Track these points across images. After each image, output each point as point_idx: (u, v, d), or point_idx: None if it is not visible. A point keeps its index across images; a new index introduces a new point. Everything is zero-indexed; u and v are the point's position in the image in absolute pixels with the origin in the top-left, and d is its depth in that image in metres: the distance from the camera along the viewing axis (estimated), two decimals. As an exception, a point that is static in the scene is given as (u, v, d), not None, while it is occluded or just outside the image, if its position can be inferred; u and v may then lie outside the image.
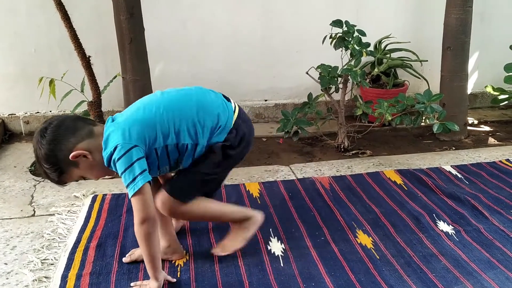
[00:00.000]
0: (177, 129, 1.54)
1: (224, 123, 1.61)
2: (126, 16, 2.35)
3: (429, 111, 2.55)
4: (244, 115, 1.73)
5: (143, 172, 1.46)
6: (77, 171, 1.54)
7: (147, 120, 1.53)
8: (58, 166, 1.51)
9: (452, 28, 2.94)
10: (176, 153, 1.57)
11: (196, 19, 3.17)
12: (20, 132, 3.19)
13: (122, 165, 1.46)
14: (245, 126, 1.69)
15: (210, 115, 1.59)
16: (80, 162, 1.52)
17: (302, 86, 3.38)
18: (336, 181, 2.39)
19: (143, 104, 1.59)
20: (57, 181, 1.57)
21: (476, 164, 2.61)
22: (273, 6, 3.29)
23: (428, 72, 3.44)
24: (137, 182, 1.45)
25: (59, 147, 1.49)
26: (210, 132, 1.59)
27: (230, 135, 1.62)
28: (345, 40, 2.68)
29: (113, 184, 2.38)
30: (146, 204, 1.48)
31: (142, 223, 1.48)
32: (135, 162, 1.46)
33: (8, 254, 1.81)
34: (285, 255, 1.78)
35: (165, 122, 1.53)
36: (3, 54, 3.05)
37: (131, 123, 1.51)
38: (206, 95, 1.65)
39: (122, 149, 1.46)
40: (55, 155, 1.49)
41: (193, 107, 1.58)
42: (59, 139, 1.49)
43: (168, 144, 1.54)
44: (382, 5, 3.41)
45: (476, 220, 2.01)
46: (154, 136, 1.52)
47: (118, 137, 1.48)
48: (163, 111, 1.54)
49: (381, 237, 1.90)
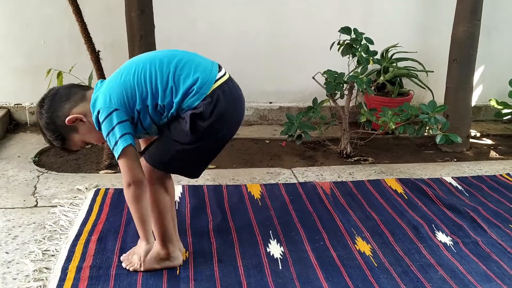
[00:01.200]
0: (154, 89, 1.52)
1: (199, 88, 1.52)
2: (137, 13, 2.37)
3: (433, 122, 2.57)
4: (231, 90, 1.59)
5: (123, 135, 1.48)
6: (77, 136, 1.59)
7: (126, 83, 1.52)
8: (59, 133, 1.57)
9: (460, 40, 2.95)
10: (157, 114, 1.55)
11: (206, 19, 3.19)
12: (25, 123, 3.21)
13: (105, 129, 1.50)
14: (225, 100, 1.55)
15: (187, 77, 1.52)
16: (78, 127, 1.57)
17: (307, 91, 3.40)
18: (337, 187, 2.40)
19: (125, 66, 1.58)
20: (63, 148, 1.63)
21: (477, 176, 2.63)
22: (283, 9, 3.31)
23: (433, 83, 3.45)
24: (118, 145, 1.48)
25: (56, 114, 1.55)
26: (183, 94, 1.52)
27: (203, 102, 1.52)
28: (353, 47, 2.70)
29: (116, 179, 2.40)
30: (130, 167, 1.51)
31: (128, 186, 1.53)
32: (116, 126, 1.48)
33: (9, 243, 1.83)
34: (284, 258, 1.80)
35: (142, 83, 1.52)
36: (13, 44, 3.08)
37: (111, 87, 1.53)
38: (192, 56, 1.59)
39: (103, 113, 1.49)
40: (54, 122, 1.56)
41: (172, 67, 1.53)
42: (55, 107, 1.56)
43: (148, 105, 1.53)
44: (391, 14, 3.43)
45: (474, 232, 2.02)
46: (133, 98, 1.52)
47: (100, 102, 1.51)
48: (142, 72, 1.53)
49: (380, 244, 1.91)
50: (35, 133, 3.04)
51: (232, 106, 1.59)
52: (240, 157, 2.85)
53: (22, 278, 1.63)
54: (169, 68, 1.53)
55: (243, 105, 1.67)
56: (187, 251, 1.81)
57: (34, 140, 2.93)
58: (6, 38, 3.06)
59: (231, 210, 2.13)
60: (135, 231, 1.90)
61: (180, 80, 1.52)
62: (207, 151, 1.63)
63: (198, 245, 1.85)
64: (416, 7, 3.45)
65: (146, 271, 1.67)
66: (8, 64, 3.11)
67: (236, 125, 1.66)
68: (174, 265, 1.70)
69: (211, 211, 2.11)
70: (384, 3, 3.40)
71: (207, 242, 1.87)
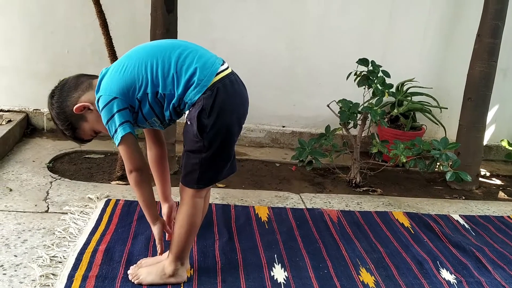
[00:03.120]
0: (155, 77, 1.52)
1: (200, 80, 1.51)
2: (162, 31, 2.43)
3: (444, 158, 2.58)
4: (232, 84, 1.58)
5: (123, 123, 1.52)
6: (87, 124, 1.63)
7: (127, 71, 1.53)
8: (69, 122, 1.62)
9: (475, 80, 2.98)
10: (157, 104, 1.56)
11: (225, 41, 3.26)
12: (42, 128, 3.27)
13: (104, 116, 1.53)
14: (225, 93, 1.54)
15: (189, 67, 1.52)
16: (86, 115, 1.61)
17: (320, 117, 3.44)
18: (344, 216, 2.42)
19: (128, 55, 1.59)
20: (74, 137, 1.67)
21: (484, 216, 2.63)
22: (302, 36, 3.37)
23: (446, 120, 3.48)
24: (118, 133, 1.52)
25: (65, 104, 1.59)
26: (184, 85, 1.52)
27: (203, 95, 1.51)
28: (369, 79, 2.73)
29: (127, 191, 2.43)
30: (130, 155, 1.56)
31: (129, 173, 1.59)
32: (115, 114, 1.51)
33: (18, 246, 1.86)
34: (287, 283, 1.81)
35: (143, 71, 1.52)
36: (38, 51, 3.16)
37: (113, 75, 1.55)
38: (196, 48, 1.59)
39: (102, 101, 1.52)
40: (64, 111, 1.60)
41: (174, 56, 1.53)
42: (64, 96, 1.60)
43: (148, 93, 1.53)
44: (409, 48, 3.48)
45: (479, 272, 2.02)
46: (133, 86, 1.53)
47: (102, 89, 1.54)
48: (143, 61, 1.53)
49: (383, 277, 1.91)
50: (51, 139, 3.10)
51: (232, 99, 1.57)
52: (249, 178, 2.88)
53: (28, 282, 1.65)
54: (171, 57, 1.53)
55: (246, 100, 1.65)
56: (192, 268, 1.82)
57: (50, 146, 2.99)
58: (31, 44, 3.15)
59: (237, 231, 2.15)
60: (142, 243, 1.94)
61: (182, 69, 1.52)
62: (223, 151, 1.61)
63: (203, 263, 1.87)
64: (435, 43, 3.50)
65: (150, 285, 1.69)
66: (31, 70, 3.19)
67: (240, 120, 1.64)
68: (178, 282, 1.72)
69: (218, 229, 2.13)
70: (403, 37, 3.45)
71: (212, 261, 1.89)
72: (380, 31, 3.42)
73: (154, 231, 1.71)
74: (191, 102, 1.54)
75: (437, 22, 3.46)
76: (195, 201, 1.64)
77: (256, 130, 3.51)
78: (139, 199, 1.65)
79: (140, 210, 2.19)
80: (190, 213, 1.65)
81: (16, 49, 3.14)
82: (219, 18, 3.27)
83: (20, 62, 3.17)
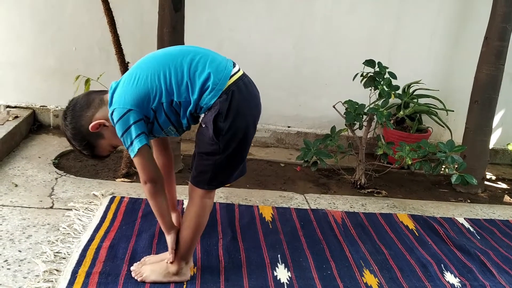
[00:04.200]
0: (169, 86, 1.52)
1: (214, 84, 1.51)
2: (169, 29, 2.44)
3: (450, 161, 2.57)
4: (246, 86, 1.59)
5: (139, 135, 1.51)
6: (104, 141, 1.62)
7: (140, 82, 1.52)
8: (86, 141, 1.60)
9: (482, 83, 2.97)
10: (173, 112, 1.56)
11: (232, 41, 3.26)
12: (49, 125, 3.28)
13: (120, 129, 1.52)
14: (240, 95, 1.55)
15: (202, 72, 1.52)
16: (103, 132, 1.60)
17: (325, 118, 3.43)
18: (348, 217, 2.41)
19: (138, 65, 1.58)
20: (93, 156, 1.66)
21: (489, 220, 2.61)
22: (309, 37, 3.37)
23: (452, 122, 3.46)
24: (134, 145, 1.51)
25: (80, 124, 1.58)
26: (199, 90, 1.52)
27: (219, 99, 1.51)
28: (376, 80, 2.73)
29: (132, 188, 2.44)
30: (145, 166, 1.56)
31: (144, 184, 1.59)
32: (131, 126, 1.51)
33: (23, 242, 1.86)
34: (291, 283, 1.80)
35: (156, 81, 1.52)
36: (45, 47, 3.17)
37: (125, 87, 1.54)
38: (207, 52, 1.58)
39: (117, 113, 1.51)
40: (80, 131, 1.59)
41: (186, 63, 1.52)
42: (78, 116, 1.58)
43: (163, 102, 1.53)
44: (416, 50, 3.47)
45: (483, 276, 2.01)
46: (147, 96, 1.52)
47: (115, 102, 1.53)
48: (156, 70, 1.52)
49: (387, 279, 1.91)
50: (57, 136, 3.11)
51: (247, 101, 1.58)
52: (254, 178, 2.88)
53: (32, 277, 1.66)
54: (184, 65, 1.52)
55: (259, 101, 1.66)
56: (195, 267, 1.82)
57: (56, 142, 3.00)
58: (39, 40, 3.16)
59: (241, 230, 2.15)
60: (146, 241, 1.95)
61: (195, 76, 1.52)
62: (238, 153, 1.61)
63: (207, 261, 1.87)
64: (442, 46, 3.48)
65: (154, 282, 1.69)
66: (38, 66, 3.20)
67: (254, 121, 1.64)
68: (181, 280, 1.72)
69: (222, 228, 2.13)
70: (410, 39, 3.44)
71: (215, 260, 1.89)
72: (387, 32, 3.41)
73: (168, 240, 1.70)
74: (206, 106, 1.54)
75: (445, 24, 3.44)
76: (204, 202, 1.64)
77: (262, 130, 3.51)
78: (154, 209, 1.65)
79: (145, 208, 2.20)
80: (198, 213, 1.65)
81: (23, 46, 3.15)
82: (226, 18, 3.27)
83: (28, 58, 3.18)
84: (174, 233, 1.69)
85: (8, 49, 3.15)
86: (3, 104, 3.21)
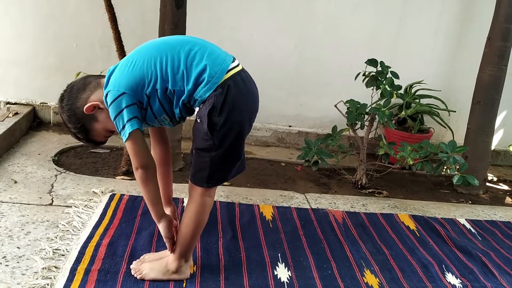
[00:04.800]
0: (164, 73, 1.50)
1: (210, 77, 1.49)
2: (170, 26, 2.43)
3: (452, 161, 2.56)
4: (244, 81, 1.56)
5: (131, 119, 1.50)
6: (99, 125, 1.61)
7: (136, 67, 1.52)
8: (80, 124, 1.60)
9: (485, 83, 2.96)
10: (167, 100, 1.54)
11: (233, 40, 3.24)
12: (49, 122, 3.27)
13: (113, 112, 1.51)
14: (236, 90, 1.52)
15: (199, 63, 1.50)
16: (97, 115, 1.59)
17: (327, 118, 3.42)
18: (349, 217, 2.40)
19: (137, 51, 1.58)
20: (88, 140, 1.65)
21: (491, 221, 2.60)
22: (311, 36, 3.35)
23: (454, 123, 3.45)
24: (126, 129, 1.50)
25: (75, 106, 1.58)
26: (194, 81, 1.50)
27: (214, 93, 1.49)
28: (378, 79, 2.71)
29: (132, 186, 2.42)
30: (137, 152, 1.54)
31: (136, 170, 1.57)
32: (124, 109, 1.49)
33: (22, 238, 1.85)
34: (291, 283, 1.79)
35: (152, 67, 1.51)
36: (47, 44, 3.16)
37: (122, 71, 1.54)
38: (206, 44, 1.57)
39: (110, 96, 1.51)
40: (74, 113, 1.58)
41: (184, 52, 1.51)
42: (74, 98, 1.58)
43: (157, 89, 1.52)
44: (418, 51, 3.45)
45: (484, 277, 2.00)
46: (142, 81, 1.51)
47: (110, 84, 1.53)
48: (152, 56, 1.51)
49: (388, 280, 1.89)
50: (57, 133, 3.10)
51: (243, 97, 1.55)
52: (254, 177, 2.86)
53: (30, 274, 1.65)
54: (181, 53, 1.51)
55: (256, 98, 1.64)
56: (195, 265, 1.81)
57: (56, 139, 2.98)
58: (40, 37, 3.14)
59: (242, 229, 2.13)
60: (146, 239, 1.93)
61: (192, 66, 1.50)
62: (234, 149, 1.59)
63: (207, 260, 1.86)
64: (445, 47, 3.47)
65: (153, 280, 1.68)
66: (39, 63, 3.19)
67: (250, 118, 1.62)
68: (181, 279, 1.70)
69: (222, 227, 2.12)
70: (413, 39, 3.42)
71: (215, 258, 1.88)
72: (389, 33, 3.40)
73: (160, 228, 1.69)
74: (201, 99, 1.52)
75: (448, 24, 3.43)
76: (204, 200, 1.63)
77: (263, 129, 3.50)
78: (145, 196, 1.64)
79: (145, 206, 2.17)
80: (198, 211, 1.63)
81: (25, 43, 3.14)
82: (228, 16, 3.25)
83: (29, 55, 3.17)
84: (165, 221, 1.67)
85: (9, 46, 3.14)
86: (3, 100, 3.20)
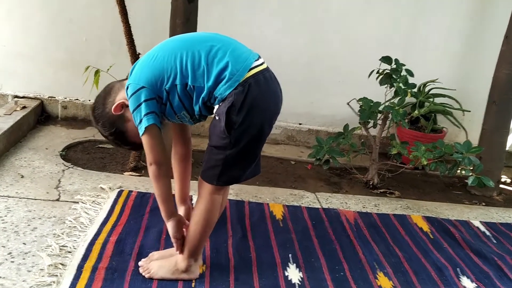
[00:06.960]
0: (184, 69, 1.47)
1: (231, 74, 1.45)
2: (182, 20, 2.39)
3: (467, 162, 2.50)
4: (266, 81, 1.52)
5: (148, 113, 1.48)
6: (131, 123, 1.57)
7: (157, 62, 1.50)
8: (114, 128, 1.58)
9: (501, 83, 2.89)
10: (187, 96, 1.51)
11: (245, 35, 3.14)
12: (57, 116, 3.24)
13: (132, 104, 1.50)
14: (258, 89, 1.48)
15: (221, 60, 1.47)
16: (127, 114, 1.56)
17: (338, 116, 3.37)
18: (361, 217, 2.34)
19: (159, 46, 1.56)
20: (128, 143, 1.63)
21: (505, 224, 2.54)
22: (323, 33, 3.30)
23: (468, 123, 3.38)
24: (142, 124, 1.48)
25: (105, 112, 1.58)
26: (215, 78, 1.46)
27: (234, 91, 1.45)
28: (392, 77, 2.66)
29: (140, 182, 2.39)
30: (152, 147, 1.51)
31: (150, 165, 1.55)
32: (142, 103, 1.48)
33: (28, 234, 1.82)
34: (302, 284, 1.75)
35: (172, 62, 1.48)
36: (56, 38, 3.13)
37: (143, 66, 1.52)
38: (230, 41, 1.54)
39: (132, 89, 1.49)
40: (107, 119, 1.58)
41: (205, 49, 1.48)
42: (102, 105, 1.59)
43: (176, 84, 1.49)
44: (432, 49, 3.38)
45: (500, 281, 1.94)
46: (161, 76, 1.49)
47: (131, 78, 1.52)
48: (173, 52, 1.49)
49: (402, 282, 1.84)
50: (65, 127, 3.07)
51: (264, 97, 1.51)
52: (264, 175, 2.82)
53: (36, 271, 1.61)
54: (202, 50, 1.48)
55: (279, 98, 1.59)
56: (204, 265, 1.77)
57: (63, 134, 2.95)
58: (49, 31, 3.11)
59: (251, 228, 2.09)
60: (154, 237, 1.90)
61: (214, 62, 1.47)
62: (249, 150, 1.55)
63: (216, 259, 1.82)
64: (459, 44, 3.40)
65: (162, 279, 1.64)
66: (48, 57, 3.16)
67: (271, 119, 1.58)
68: (190, 278, 1.67)
69: (232, 226, 2.08)
70: (427, 36, 3.35)
71: (225, 258, 1.84)
72: (403, 29, 3.33)
73: (168, 227, 1.65)
74: (221, 97, 1.48)
75: (463, 22, 3.35)
76: (213, 198, 1.58)
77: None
78: (156, 193, 1.60)
79: (153, 202, 2.15)
80: (207, 209, 1.59)
81: (34, 36, 3.11)
82: (240, 11, 3.21)
83: (38, 49, 3.14)
84: (174, 220, 1.63)
85: (19, 40, 3.11)
86: (11, 94, 3.18)
